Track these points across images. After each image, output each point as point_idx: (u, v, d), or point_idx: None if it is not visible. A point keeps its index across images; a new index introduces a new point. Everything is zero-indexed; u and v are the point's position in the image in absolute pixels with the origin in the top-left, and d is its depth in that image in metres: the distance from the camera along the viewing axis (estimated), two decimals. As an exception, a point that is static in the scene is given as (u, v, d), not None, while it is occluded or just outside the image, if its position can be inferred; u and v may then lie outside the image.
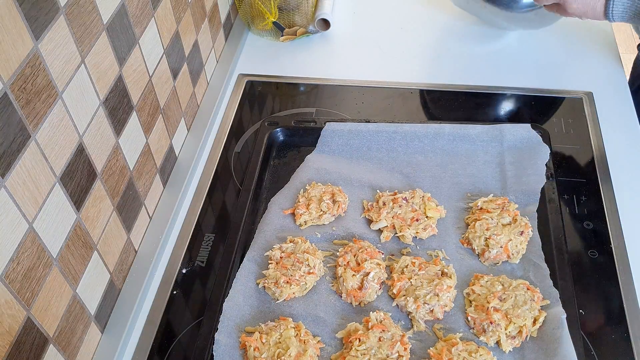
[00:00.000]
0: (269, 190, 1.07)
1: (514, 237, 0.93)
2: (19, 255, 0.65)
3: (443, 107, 1.21)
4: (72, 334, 0.78)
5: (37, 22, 0.65)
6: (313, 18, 1.37)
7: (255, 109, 1.25)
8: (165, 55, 1.01)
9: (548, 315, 0.84)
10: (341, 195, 1.01)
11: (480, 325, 0.84)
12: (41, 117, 0.68)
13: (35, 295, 0.69)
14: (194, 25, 1.13)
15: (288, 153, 1.14)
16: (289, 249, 0.94)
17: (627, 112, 1.19)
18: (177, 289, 0.95)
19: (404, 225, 0.96)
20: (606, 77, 1.27)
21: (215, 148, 1.16)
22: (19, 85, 0.63)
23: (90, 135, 0.79)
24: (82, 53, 0.75)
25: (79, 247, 0.78)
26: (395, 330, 0.83)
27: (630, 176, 1.07)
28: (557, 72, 1.28)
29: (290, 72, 1.32)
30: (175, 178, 1.08)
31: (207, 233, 1.02)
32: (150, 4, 0.93)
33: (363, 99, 1.25)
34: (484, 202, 0.99)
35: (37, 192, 0.68)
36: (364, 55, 1.36)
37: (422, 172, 1.07)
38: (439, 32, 1.39)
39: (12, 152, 0.63)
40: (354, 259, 0.91)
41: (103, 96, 0.81)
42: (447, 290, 0.87)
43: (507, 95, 1.23)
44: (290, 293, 0.89)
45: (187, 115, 1.14)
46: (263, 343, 0.82)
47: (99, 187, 0.82)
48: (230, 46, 1.35)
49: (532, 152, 1.05)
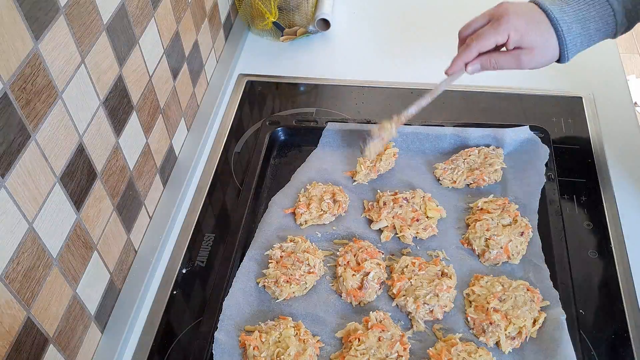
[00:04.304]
0: (270, 190, 1.07)
1: (514, 237, 0.93)
2: (19, 255, 0.65)
3: (443, 107, 1.21)
4: (72, 334, 0.78)
5: (37, 22, 0.65)
6: (313, 18, 1.37)
7: (255, 109, 1.25)
8: (165, 55, 1.01)
9: (548, 316, 0.84)
10: (342, 195, 1.01)
11: (479, 325, 0.84)
12: (41, 117, 0.68)
13: (35, 295, 0.69)
14: (194, 25, 1.14)
15: (289, 152, 1.14)
16: (289, 248, 0.94)
17: (627, 112, 1.19)
18: (177, 289, 0.95)
19: (404, 226, 0.96)
20: (606, 77, 1.26)
21: (215, 148, 1.16)
22: (19, 85, 0.63)
23: (90, 135, 0.79)
24: (82, 53, 0.75)
25: (79, 247, 0.78)
26: (395, 330, 0.83)
27: (630, 176, 1.07)
28: (557, 72, 1.28)
29: (290, 72, 1.32)
30: (175, 178, 1.08)
31: (207, 233, 1.02)
32: (150, 4, 0.93)
33: (363, 99, 1.25)
34: (485, 202, 0.99)
35: (37, 192, 0.68)
36: (364, 55, 1.36)
37: (422, 172, 1.07)
38: (438, 32, 1.39)
39: (12, 152, 0.63)
40: (354, 259, 0.91)
41: (103, 96, 0.81)
42: (447, 290, 0.87)
43: (507, 96, 1.23)
44: (290, 292, 0.89)
45: (187, 115, 1.14)
46: (262, 342, 0.82)
47: (99, 187, 0.82)
48: (230, 46, 1.35)
49: (532, 153, 1.05)
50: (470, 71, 0.94)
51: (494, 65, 0.93)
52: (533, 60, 0.91)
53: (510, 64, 0.92)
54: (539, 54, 0.91)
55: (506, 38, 0.90)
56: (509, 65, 0.92)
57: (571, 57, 0.92)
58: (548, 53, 0.91)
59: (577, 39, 0.90)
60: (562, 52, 0.91)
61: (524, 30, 0.89)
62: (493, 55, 0.92)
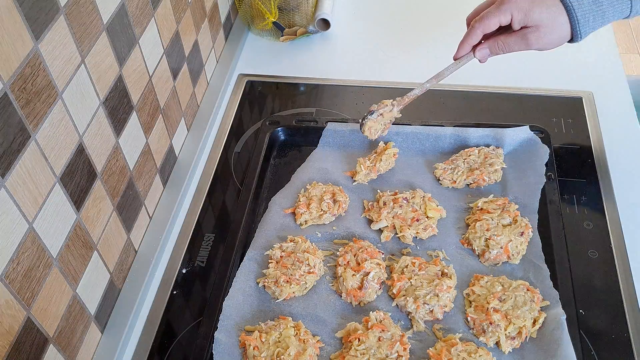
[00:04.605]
0: (270, 190, 1.07)
1: (514, 237, 0.93)
2: (19, 255, 0.65)
3: (443, 107, 1.21)
4: (72, 334, 0.78)
5: (37, 22, 0.65)
6: (313, 18, 1.37)
7: (255, 109, 1.25)
8: (165, 55, 1.01)
9: (548, 316, 0.84)
10: (342, 195, 1.01)
11: (479, 325, 0.84)
12: (41, 117, 0.68)
13: (35, 295, 0.69)
14: (194, 25, 1.14)
15: (289, 152, 1.14)
16: (289, 248, 0.94)
17: (627, 112, 1.19)
18: (177, 289, 0.95)
19: (404, 226, 0.96)
20: (606, 77, 1.27)
21: (215, 148, 1.16)
22: (19, 85, 0.63)
23: (90, 135, 0.79)
24: (82, 53, 0.75)
25: (79, 247, 0.78)
26: (395, 330, 0.83)
27: (630, 176, 1.07)
28: (556, 72, 1.28)
29: (290, 72, 1.32)
30: (175, 178, 1.08)
31: (207, 233, 1.02)
32: (150, 4, 0.93)
33: (363, 99, 1.25)
34: (485, 202, 0.99)
35: (37, 192, 0.68)
36: (364, 55, 1.36)
37: (422, 172, 1.07)
38: (439, 31, 1.39)
39: (12, 152, 0.63)
40: (354, 259, 0.91)
41: (103, 96, 0.81)
42: (447, 290, 0.87)
43: (507, 96, 1.23)
44: (290, 292, 0.89)
45: (187, 115, 1.14)
46: (262, 342, 0.82)
47: (99, 187, 0.82)
48: (230, 46, 1.35)
49: (531, 153, 1.05)
50: (479, 56, 0.94)
51: (502, 48, 0.91)
52: (541, 39, 0.88)
53: (519, 44, 0.90)
54: (546, 31, 0.88)
55: (509, 17, 0.88)
56: (517, 46, 0.90)
57: (585, 34, 0.89)
58: (556, 30, 0.88)
59: (589, 15, 0.87)
60: (574, 28, 0.88)
61: (528, 8, 0.87)
62: (500, 37, 0.91)
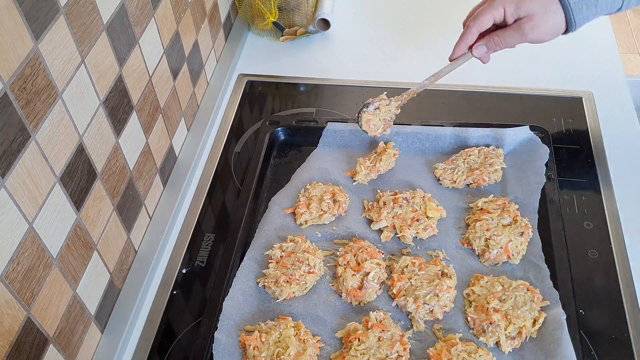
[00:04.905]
0: (270, 190, 1.07)
1: (514, 237, 0.93)
2: (19, 255, 0.65)
3: (443, 107, 1.21)
4: (72, 334, 0.78)
5: (37, 22, 0.65)
6: (313, 18, 1.37)
7: (255, 109, 1.25)
8: (165, 55, 1.01)
9: (548, 316, 0.84)
10: (342, 195, 1.01)
11: (479, 325, 0.84)
12: (41, 117, 0.68)
13: (35, 295, 0.69)
14: (194, 25, 1.14)
15: (289, 152, 1.14)
16: (289, 248, 0.94)
17: (627, 112, 1.19)
18: (177, 289, 0.95)
19: (404, 226, 0.96)
20: (606, 77, 1.27)
21: (215, 148, 1.16)
22: (19, 85, 0.63)
23: (90, 135, 0.79)
24: (82, 53, 0.75)
25: (79, 247, 0.78)
26: (395, 330, 0.83)
27: (630, 176, 1.07)
28: (556, 72, 1.28)
29: (290, 72, 1.32)
30: (175, 178, 1.08)
31: (207, 233, 1.02)
32: (150, 4, 0.93)
33: (363, 99, 1.24)
34: (485, 202, 0.99)
35: (37, 192, 0.68)
36: (364, 55, 1.36)
37: (422, 172, 1.07)
38: (439, 31, 1.39)
39: (12, 152, 0.63)
40: (354, 259, 0.91)
41: (103, 96, 0.81)
42: (447, 290, 0.87)
43: (507, 96, 1.23)
44: (290, 292, 0.89)
45: (187, 115, 1.14)
46: (262, 342, 0.82)
47: (99, 187, 0.82)
48: (230, 46, 1.35)
49: (531, 153, 1.05)
50: (477, 54, 0.94)
51: (498, 43, 0.92)
52: (536, 28, 0.89)
53: (515, 37, 0.91)
54: (540, 19, 0.88)
55: (502, 11, 0.89)
56: (513, 39, 0.91)
57: (579, 23, 0.89)
58: (550, 17, 0.88)
59: (582, 2, 0.87)
60: (568, 16, 0.88)
61: (518, 0, 0.88)
62: (496, 33, 0.92)
